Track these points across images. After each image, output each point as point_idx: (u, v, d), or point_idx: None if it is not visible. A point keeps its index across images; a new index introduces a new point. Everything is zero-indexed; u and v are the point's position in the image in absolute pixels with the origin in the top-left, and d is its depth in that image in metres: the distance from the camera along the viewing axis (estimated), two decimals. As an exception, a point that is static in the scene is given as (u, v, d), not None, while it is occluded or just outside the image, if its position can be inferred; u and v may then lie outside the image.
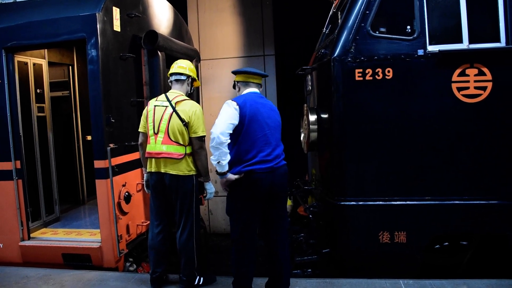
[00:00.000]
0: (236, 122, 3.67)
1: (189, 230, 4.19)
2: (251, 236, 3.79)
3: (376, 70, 4.23)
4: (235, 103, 3.72)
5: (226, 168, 3.69)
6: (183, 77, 4.31)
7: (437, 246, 4.45)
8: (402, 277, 4.28)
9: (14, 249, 5.13)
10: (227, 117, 3.66)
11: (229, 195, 3.88)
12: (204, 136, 4.17)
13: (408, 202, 4.29)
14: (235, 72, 4.05)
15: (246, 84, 3.98)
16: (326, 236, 4.80)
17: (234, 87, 4.09)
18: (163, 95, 4.29)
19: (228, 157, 3.68)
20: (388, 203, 4.31)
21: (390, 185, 4.33)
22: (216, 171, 3.74)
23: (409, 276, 4.31)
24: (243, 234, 3.78)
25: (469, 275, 4.42)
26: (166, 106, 4.14)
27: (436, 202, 4.26)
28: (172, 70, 4.32)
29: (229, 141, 3.64)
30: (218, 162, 3.66)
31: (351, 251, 4.44)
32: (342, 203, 4.38)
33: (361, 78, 4.26)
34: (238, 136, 3.72)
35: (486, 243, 4.46)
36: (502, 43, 4.15)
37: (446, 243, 4.44)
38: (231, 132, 3.65)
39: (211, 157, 3.73)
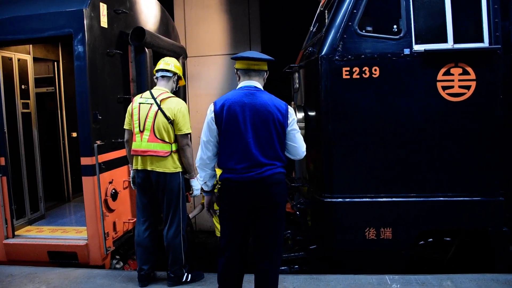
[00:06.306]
0: (215, 133, 3.36)
1: (176, 227, 4.20)
2: (234, 250, 3.40)
3: (363, 69, 4.28)
4: (212, 111, 3.35)
5: (211, 188, 3.60)
6: (169, 74, 4.31)
7: (422, 242, 4.54)
8: (388, 273, 4.35)
9: (-2, 247, 5.06)
10: (205, 135, 3.39)
11: (218, 205, 3.65)
12: (189, 134, 4.19)
13: (393, 199, 4.35)
14: (235, 58, 3.47)
15: (246, 72, 3.40)
16: (313, 233, 4.84)
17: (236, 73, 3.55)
18: (147, 92, 4.28)
19: (215, 179, 3.56)
20: (374, 199, 4.37)
21: (376, 182, 4.38)
22: (202, 188, 3.63)
23: (395, 271, 4.39)
24: (227, 245, 3.41)
25: (453, 270, 4.50)
26: (151, 104, 4.14)
27: (421, 199, 4.33)
28: (158, 67, 4.33)
29: (214, 161, 3.47)
30: (205, 183, 3.54)
31: (338, 248, 4.48)
32: (329, 200, 4.42)
33: (348, 77, 4.30)
34: (220, 143, 3.38)
35: (470, 238, 4.55)
36: (486, 43, 4.23)
37: (431, 239, 4.53)
38: (215, 148, 3.41)
39: (198, 176, 3.66)
